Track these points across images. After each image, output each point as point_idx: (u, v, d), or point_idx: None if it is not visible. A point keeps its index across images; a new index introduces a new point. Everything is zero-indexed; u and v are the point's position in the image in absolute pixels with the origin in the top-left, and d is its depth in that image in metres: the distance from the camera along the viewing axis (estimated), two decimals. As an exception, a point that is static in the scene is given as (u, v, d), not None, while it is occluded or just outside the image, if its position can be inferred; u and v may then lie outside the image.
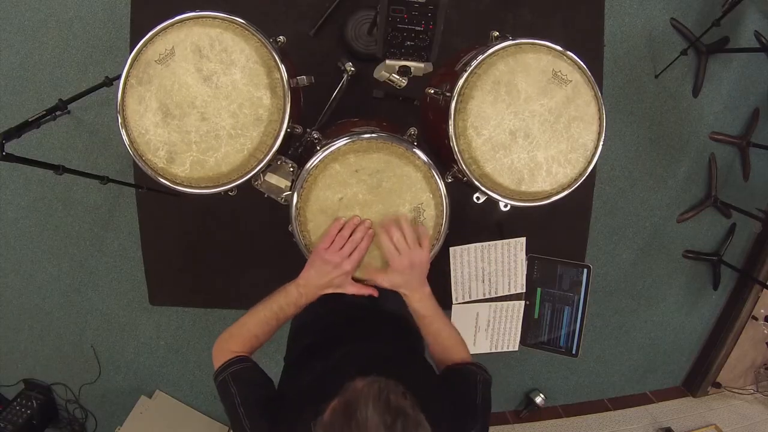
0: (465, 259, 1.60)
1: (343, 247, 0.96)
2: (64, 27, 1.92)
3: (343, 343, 1.01)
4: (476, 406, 0.87)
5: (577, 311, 1.69)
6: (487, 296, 1.65)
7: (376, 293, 1.01)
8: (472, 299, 1.65)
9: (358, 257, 0.97)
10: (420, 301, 0.98)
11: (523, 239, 1.60)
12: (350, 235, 0.98)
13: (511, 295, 1.65)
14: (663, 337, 2.53)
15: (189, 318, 2.23)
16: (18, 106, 1.98)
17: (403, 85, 1.08)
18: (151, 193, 1.77)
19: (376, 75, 1.07)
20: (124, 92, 1.01)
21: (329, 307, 1.18)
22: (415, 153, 1.05)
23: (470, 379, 0.92)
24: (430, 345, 1.01)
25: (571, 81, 1.07)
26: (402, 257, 0.95)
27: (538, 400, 2.43)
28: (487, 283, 1.63)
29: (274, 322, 0.97)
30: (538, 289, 1.69)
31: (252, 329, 0.97)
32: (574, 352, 1.71)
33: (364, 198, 1.04)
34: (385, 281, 0.97)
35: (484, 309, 1.66)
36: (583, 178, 1.12)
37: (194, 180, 1.05)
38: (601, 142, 1.10)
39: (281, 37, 1.09)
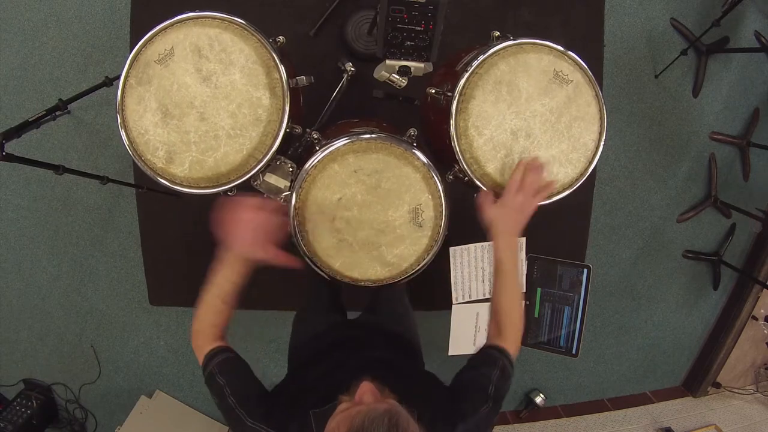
0: (465, 259, 1.60)
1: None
2: (64, 27, 1.92)
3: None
4: (487, 391, 0.84)
5: (577, 311, 1.68)
6: (487, 296, 1.65)
7: (300, 266, 0.98)
8: (472, 299, 1.65)
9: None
10: (507, 247, 0.98)
11: (523, 239, 1.60)
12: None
13: (511, 295, 1.65)
14: (663, 337, 2.53)
15: (189, 318, 2.20)
16: (18, 106, 1.98)
17: (403, 85, 1.07)
18: (151, 193, 1.77)
19: (376, 75, 1.07)
20: (123, 92, 1.01)
21: (328, 327, 1.19)
22: (414, 154, 1.04)
23: (491, 362, 0.89)
24: (491, 301, 0.99)
25: (572, 81, 1.07)
26: (517, 195, 0.97)
27: (538, 400, 2.43)
28: (487, 283, 1.63)
29: (221, 303, 0.95)
30: (538, 289, 1.68)
31: (207, 319, 0.96)
32: (574, 352, 1.70)
33: (363, 198, 1.04)
34: (489, 210, 0.99)
35: (485, 309, 1.66)
36: (584, 178, 1.12)
37: (193, 180, 1.05)
38: (602, 142, 1.10)
39: (281, 37, 1.09)
